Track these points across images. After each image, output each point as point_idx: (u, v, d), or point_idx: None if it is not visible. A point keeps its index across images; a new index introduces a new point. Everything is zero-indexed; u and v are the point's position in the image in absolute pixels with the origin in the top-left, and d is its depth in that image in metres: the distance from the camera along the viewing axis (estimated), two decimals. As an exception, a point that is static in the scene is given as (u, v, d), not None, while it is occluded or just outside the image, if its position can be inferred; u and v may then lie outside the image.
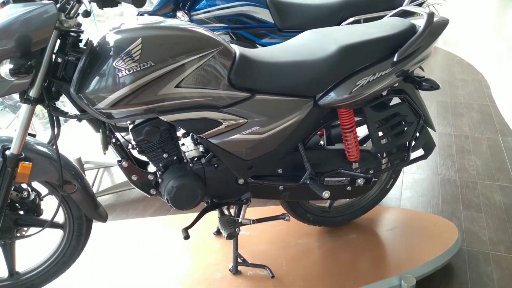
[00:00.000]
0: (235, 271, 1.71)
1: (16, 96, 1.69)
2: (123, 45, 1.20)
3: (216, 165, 1.51)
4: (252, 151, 1.48)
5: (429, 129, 1.75)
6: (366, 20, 2.28)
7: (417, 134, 1.72)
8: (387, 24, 1.59)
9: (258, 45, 2.35)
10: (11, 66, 1.08)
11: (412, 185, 2.50)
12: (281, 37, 2.38)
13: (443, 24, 1.59)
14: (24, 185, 1.47)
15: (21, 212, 1.47)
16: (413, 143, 1.72)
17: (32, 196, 1.48)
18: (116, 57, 1.19)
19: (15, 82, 1.16)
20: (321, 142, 1.72)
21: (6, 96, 2.39)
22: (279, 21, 2.35)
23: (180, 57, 1.25)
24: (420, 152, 1.76)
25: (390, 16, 1.73)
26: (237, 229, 1.58)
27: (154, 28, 1.25)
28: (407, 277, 1.67)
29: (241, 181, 1.55)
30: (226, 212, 1.65)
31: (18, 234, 1.48)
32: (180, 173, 1.45)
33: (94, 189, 2.43)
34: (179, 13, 2.29)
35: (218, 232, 1.93)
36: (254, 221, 1.65)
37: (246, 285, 1.65)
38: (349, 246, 1.87)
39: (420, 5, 2.38)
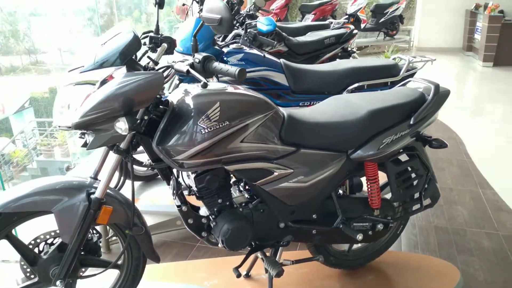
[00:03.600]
0: (271, 310, 1.86)
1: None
2: (203, 107, 1.43)
3: (262, 210, 1.71)
4: (296, 198, 1.70)
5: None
6: (369, 86, 2.62)
7: (426, 186, 2.00)
8: (400, 93, 1.91)
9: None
10: (128, 123, 1.28)
11: (409, 231, 2.75)
12: (294, 98, 2.68)
13: (446, 93, 1.93)
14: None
15: (83, 253, 1.60)
16: (423, 193, 1.99)
17: (95, 238, 1.62)
18: (198, 118, 1.41)
19: (113, 135, 1.35)
20: (340, 192, 1.97)
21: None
22: (293, 84, 2.66)
23: (247, 117, 1.49)
24: (427, 201, 2.03)
25: (400, 86, 2.06)
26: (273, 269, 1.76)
27: (228, 93, 1.49)
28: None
29: (282, 225, 1.75)
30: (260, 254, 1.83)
31: (82, 275, 1.60)
32: (233, 216, 1.64)
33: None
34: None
35: (247, 275, 2.08)
36: (293, 262, 1.83)
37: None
38: (368, 286, 2.06)
39: (412, 75, 2.76)
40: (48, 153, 6.85)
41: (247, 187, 1.77)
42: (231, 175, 1.66)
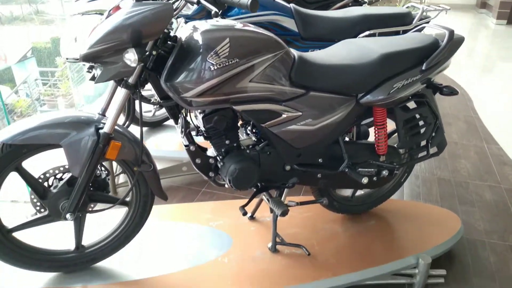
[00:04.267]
0: (274, 250, 1.91)
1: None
2: (212, 43, 1.39)
3: (269, 152, 1.71)
4: (303, 140, 1.70)
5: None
6: (381, 34, 2.56)
7: (433, 134, 1.99)
8: (414, 38, 1.86)
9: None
10: (137, 54, 1.26)
11: (412, 183, 2.78)
12: (303, 45, 2.62)
13: (461, 40, 1.88)
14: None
15: (92, 189, 1.63)
16: (430, 141, 1.99)
17: (104, 175, 1.64)
18: (206, 54, 1.39)
19: (122, 69, 1.33)
20: (346, 138, 1.96)
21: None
22: (303, 30, 2.59)
23: (257, 55, 1.46)
24: (434, 149, 2.03)
25: (414, 31, 2.01)
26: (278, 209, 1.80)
27: (238, 30, 1.45)
28: (424, 257, 1.92)
29: (288, 167, 1.76)
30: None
31: (91, 210, 1.64)
32: (240, 157, 1.65)
33: (120, 181, 2.58)
34: (215, 19, 2.48)
35: (252, 217, 2.12)
36: (298, 203, 1.86)
37: (286, 262, 1.86)
38: (369, 231, 2.11)
39: (426, 23, 2.68)
40: (52, 103, 6.83)
41: (254, 129, 1.76)
42: (239, 117, 1.65)
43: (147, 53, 1.31)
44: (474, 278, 2.01)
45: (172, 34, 1.46)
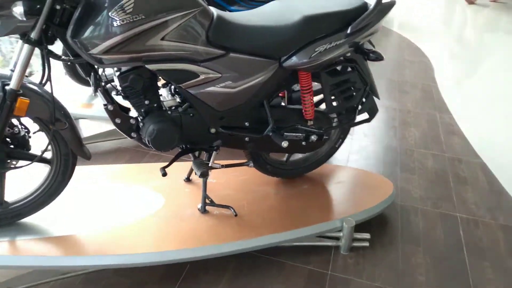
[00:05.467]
0: (203, 210, 1.95)
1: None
2: None
3: (191, 114, 1.72)
4: (224, 103, 1.71)
5: (374, 97, 2.05)
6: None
7: (364, 100, 2.01)
8: (343, 1, 1.85)
9: (227, 11, 2.55)
10: (24, 8, 1.24)
11: (358, 150, 2.83)
12: (249, 5, 2.59)
13: (391, 4, 1.87)
14: (15, 122, 1.63)
15: (12, 147, 1.63)
16: (360, 107, 2.01)
17: (23, 133, 1.64)
18: (111, 9, 1.37)
19: (19, 24, 1.32)
20: (282, 103, 1.98)
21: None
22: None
23: (167, 13, 1.44)
24: (365, 116, 2.06)
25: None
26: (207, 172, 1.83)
27: None
28: (348, 220, 1.98)
29: (213, 130, 1.78)
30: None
31: (10, 166, 1.65)
32: (160, 118, 1.66)
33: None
34: None
35: (187, 179, 2.16)
36: (223, 166, 1.89)
37: (213, 222, 1.91)
38: (301, 194, 2.16)
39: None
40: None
41: (177, 90, 1.76)
42: (159, 77, 1.65)
43: (37, 6, 1.29)
44: (400, 243, 2.09)
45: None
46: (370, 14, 1.76)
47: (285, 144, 1.80)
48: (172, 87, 1.76)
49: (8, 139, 1.61)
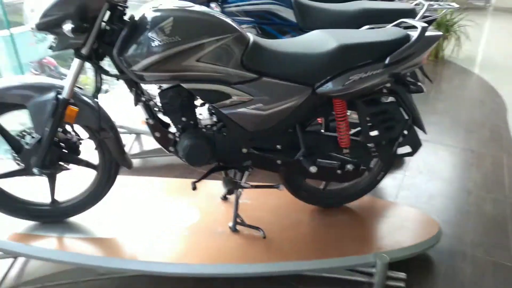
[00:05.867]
0: (234, 229, 1.99)
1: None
2: (158, 21, 1.52)
3: (224, 133, 1.80)
4: (255, 125, 1.77)
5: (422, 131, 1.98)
6: (381, 30, 2.51)
7: (405, 132, 1.95)
8: (385, 32, 1.84)
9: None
10: (72, 25, 1.42)
11: (409, 187, 2.70)
12: (299, 35, 2.66)
13: (436, 37, 1.82)
14: (69, 129, 1.82)
15: (64, 151, 1.82)
16: (401, 139, 1.95)
17: (75, 139, 1.83)
18: (151, 30, 1.52)
19: (71, 41, 1.51)
20: (322, 130, 1.99)
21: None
22: (301, 21, 2.64)
23: (202, 36, 1.56)
24: (408, 149, 1.99)
25: (392, 26, 1.97)
26: (238, 190, 1.89)
27: (185, 10, 1.56)
28: (382, 256, 1.89)
29: (244, 150, 1.84)
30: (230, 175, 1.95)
31: (61, 168, 1.84)
32: (194, 135, 1.76)
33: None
34: (213, 4, 2.62)
35: (224, 198, 2.22)
36: (252, 186, 1.93)
37: (241, 241, 1.94)
38: (336, 225, 2.11)
39: (431, 22, 2.59)
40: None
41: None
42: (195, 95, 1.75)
43: (85, 25, 1.46)
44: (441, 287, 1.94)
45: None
46: (411, 46, 1.73)
47: (313, 169, 1.80)
48: (210, 106, 1.86)
49: (61, 144, 1.81)
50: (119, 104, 3.15)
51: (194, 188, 1.84)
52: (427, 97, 4.17)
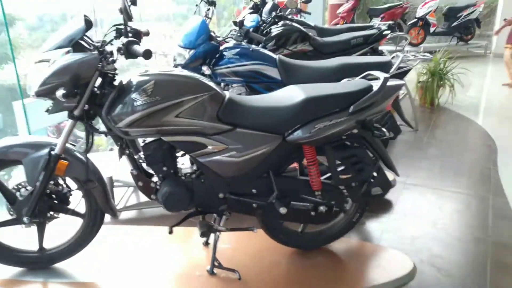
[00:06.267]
0: (211, 272, 2.07)
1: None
2: (141, 84, 1.72)
3: (202, 180, 1.94)
4: (229, 171, 1.90)
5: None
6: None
7: (375, 175, 2.06)
8: (351, 84, 2.01)
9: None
10: (64, 91, 1.62)
11: (394, 230, 2.75)
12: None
13: (397, 86, 1.99)
14: (61, 182, 1.97)
15: (55, 202, 1.97)
16: (372, 181, 2.06)
17: (65, 190, 1.98)
18: (135, 92, 1.71)
19: (65, 104, 1.70)
20: (298, 175, 2.11)
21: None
22: (285, 78, 2.84)
23: (181, 95, 1.74)
24: (378, 190, 2.09)
25: (360, 78, 2.14)
26: (216, 234, 1.99)
27: (165, 74, 1.76)
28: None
29: (221, 195, 1.96)
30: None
31: (51, 218, 1.97)
32: (174, 183, 1.89)
33: (121, 205, 2.92)
34: (204, 67, 2.85)
35: (206, 243, 2.31)
36: (228, 229, 2.03)
37: (218, 283, 2.02)
38: (312, 266, 2.18)
39: (405, 73, 2.77)
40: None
41: (193, 159, 2.00)
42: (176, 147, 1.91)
43: (75, 91, 1.65)
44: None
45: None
46: (374, 95, 1.89)
47: (283, 210, 1.91)
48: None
49: (52, 195, 1.95)
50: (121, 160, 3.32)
51: (171, 232, 1.96)
52: (420, 142, 4.29)
